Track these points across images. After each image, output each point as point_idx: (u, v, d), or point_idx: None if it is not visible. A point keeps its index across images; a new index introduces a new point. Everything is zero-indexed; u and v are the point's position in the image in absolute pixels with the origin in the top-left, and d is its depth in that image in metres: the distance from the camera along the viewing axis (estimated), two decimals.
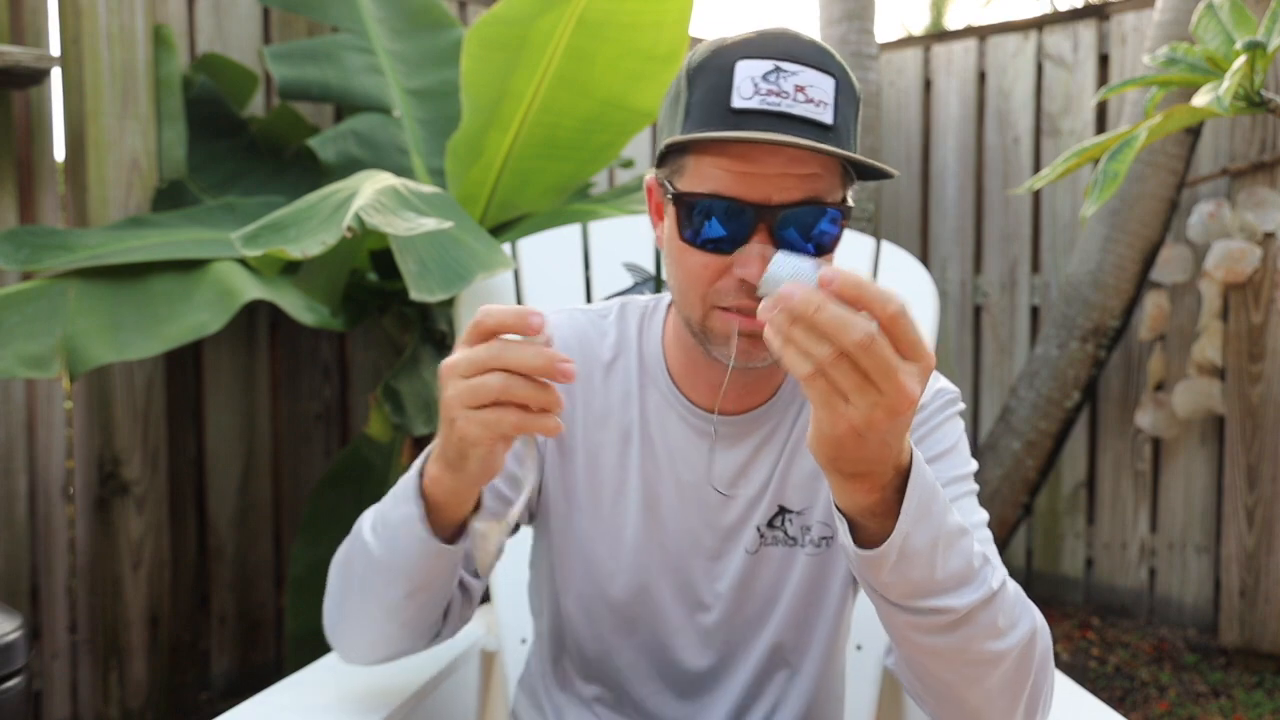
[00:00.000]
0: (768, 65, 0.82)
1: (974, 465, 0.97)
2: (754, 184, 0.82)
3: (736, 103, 0.82)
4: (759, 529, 0.99)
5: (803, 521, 0.99)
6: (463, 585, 0.96)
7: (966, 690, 0.80)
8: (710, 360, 0.91)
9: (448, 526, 0.85)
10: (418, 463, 0.85)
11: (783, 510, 0.99)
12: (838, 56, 0.86)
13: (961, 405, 0.99)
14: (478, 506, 0.86)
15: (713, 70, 0.84)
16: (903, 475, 0.72)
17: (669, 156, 0.88)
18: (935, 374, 1.01)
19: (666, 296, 1.04)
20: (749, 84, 0.82)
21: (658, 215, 0.94)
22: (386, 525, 0.87)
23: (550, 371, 0.71)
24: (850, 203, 0.88)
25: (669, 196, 0.88)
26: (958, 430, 0.97)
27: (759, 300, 0.82)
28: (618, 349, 1.03)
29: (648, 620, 1.02)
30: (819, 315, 0.63)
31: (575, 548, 1.02)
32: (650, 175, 0.93)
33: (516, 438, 0.75)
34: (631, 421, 1.01)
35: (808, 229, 0.84)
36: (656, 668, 1.03)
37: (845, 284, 0.63)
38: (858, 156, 0.82)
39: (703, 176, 0.85)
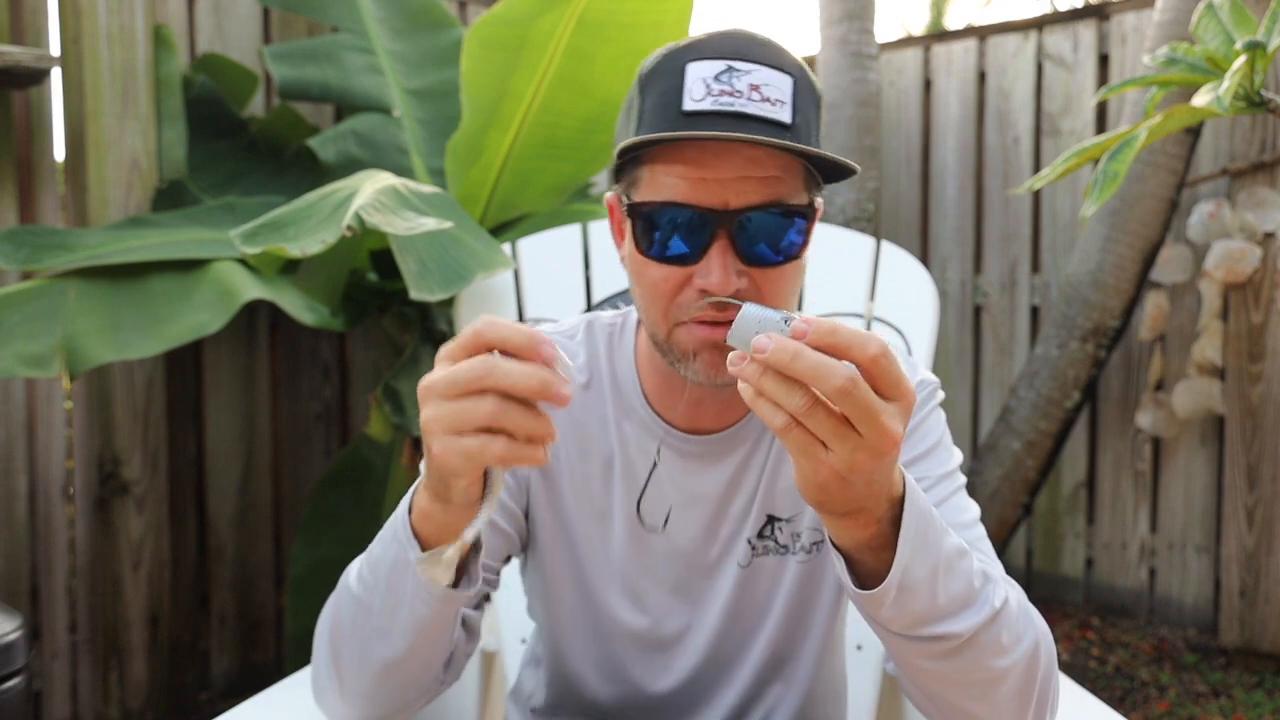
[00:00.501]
0: (720, 65, 0.79)
1: (959, 456, 0.95)
2: (710, 189, 0.79)
3: (688, 105, 0.79)
4: (749, 541, 0.98)
5: (793, 529, 0.98)
6: (464, 622, 0.90)
7: (973, 705, 0.79)
8: (684, 378, 0.88)
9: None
10: (405, 500, 0.77)
11: (772, 519, 0.97)
12: (795, 55, 0.83)
13: (942, 395, 0.98)
14: (478, 542, 0.79)
15: (664, 74, 0.81)
16: (897, 505, 0.70)
17: (625, 169, 0.85)
18: (913, 363, 0.99)
19: (634, 312, 1.01)
20: (700, 85, 0.79)
21: (620, 235, 0.91)
22: (378, 574, 0.79)
23: (546, 394, 0.62)
24: (816, 206, 0.85)
25: (625, 209, 0.85)
26: (941, 423, 0.95)
27: (722, 310, 0.80)
28: (590, 371, 1.00)
29: (641, 642, 1.01)
30: (796, 364, 0.60)
31: (567, 575, 1.00)
32: (610, 193, 0.90)
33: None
34: (612, 448, 0.98)
35: (770, 234, 0.80)
36: (650, 686, 1.02)
37: (820, 333, 0.61)
38: (815, 150, 0.78)
39: (658, 186, 0.81)
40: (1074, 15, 3.42)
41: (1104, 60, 3.35)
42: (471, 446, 0.63)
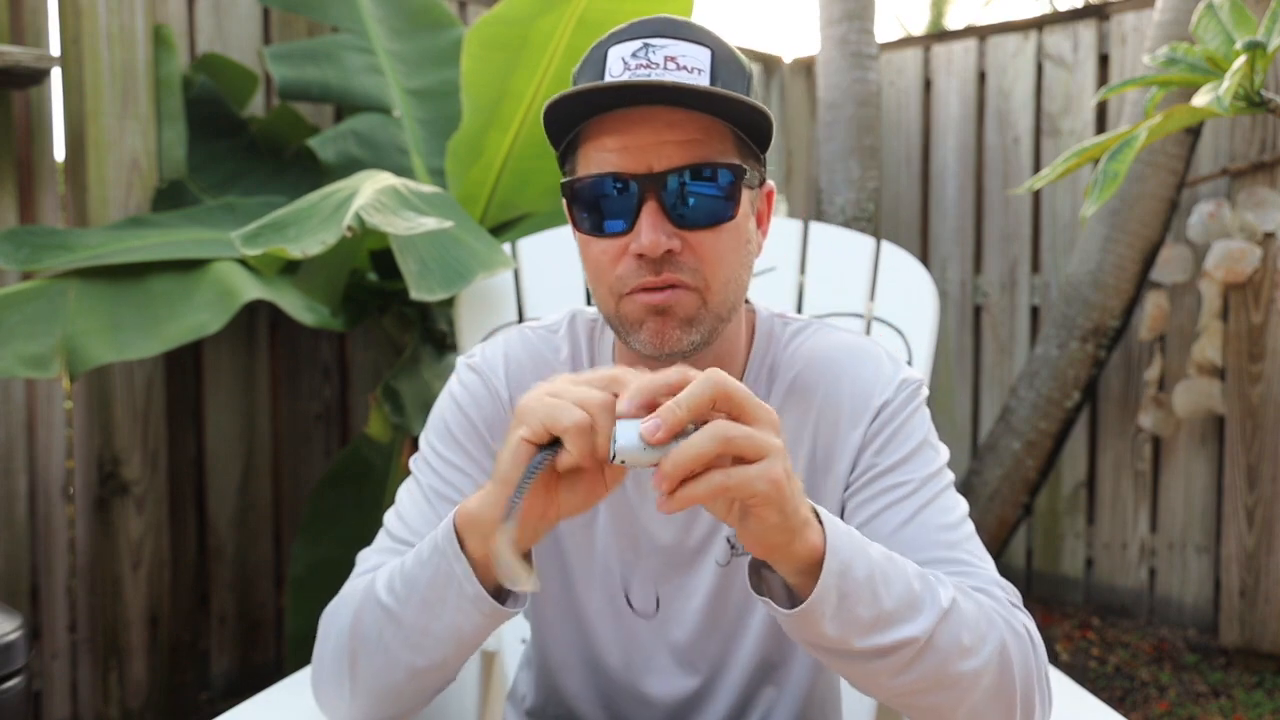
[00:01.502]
0: (637, 44, 0.83)
1: (945, 454, 0.94)
2: (633, 157, 0.82)
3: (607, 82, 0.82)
4: (729, 539, 0.96)
5: None
6: None
7: (952, 713, 0.79)
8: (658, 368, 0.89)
9: (492, 581, 0.77)
10: (449, 518, 0.77)
11: None
12: (717, 34, 0.86)
13: (925, 393, 0.96)
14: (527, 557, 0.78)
15: (590, 64, 0.85)
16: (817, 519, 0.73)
17: (565, 160, 0.88)
18: (896, 361, 0.98)
19: None
20: (619, 64, 0.82)
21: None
22: (413, 587, 0.79)
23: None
24: (763, 181, 0.87)
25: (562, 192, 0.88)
26: (925, 422, 0.94)
27: (658, 275, 0.83)
28: (573, 363, 1.00)
29: (623, 642, 1.00)
30: (684, 460, 0.63)
31: (551, 569, 1.00)
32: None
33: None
34: None
35: (697, 195, 0.82)
36: (637, 694, 1.00)
37: (666, 425, 0.64)
38: (718, 90, 0.79)
39: (589, 163, 0.84)
40: (1074, 15, 3.42)
41: (1104, 60, 3.35)
42: (553, 403, 0.67)
